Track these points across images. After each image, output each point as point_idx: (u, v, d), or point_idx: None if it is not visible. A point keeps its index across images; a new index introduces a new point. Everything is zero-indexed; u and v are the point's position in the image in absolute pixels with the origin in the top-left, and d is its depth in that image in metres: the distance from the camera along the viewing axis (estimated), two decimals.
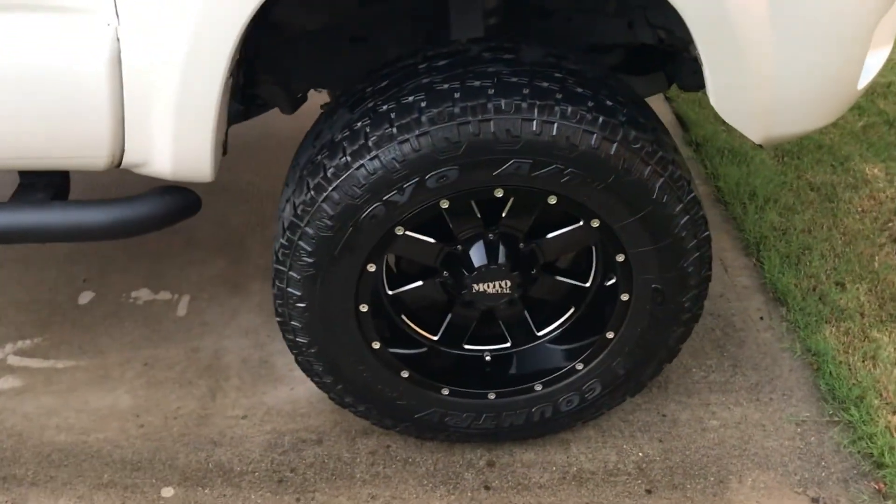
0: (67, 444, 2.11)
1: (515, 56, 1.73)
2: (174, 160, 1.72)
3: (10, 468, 2.05)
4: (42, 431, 2.14)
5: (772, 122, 1.79)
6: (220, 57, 1.58)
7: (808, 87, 1.75)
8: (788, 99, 1.75)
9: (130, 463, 2.06)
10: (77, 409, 2.20)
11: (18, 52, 1.60)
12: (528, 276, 1.88)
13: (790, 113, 1.79)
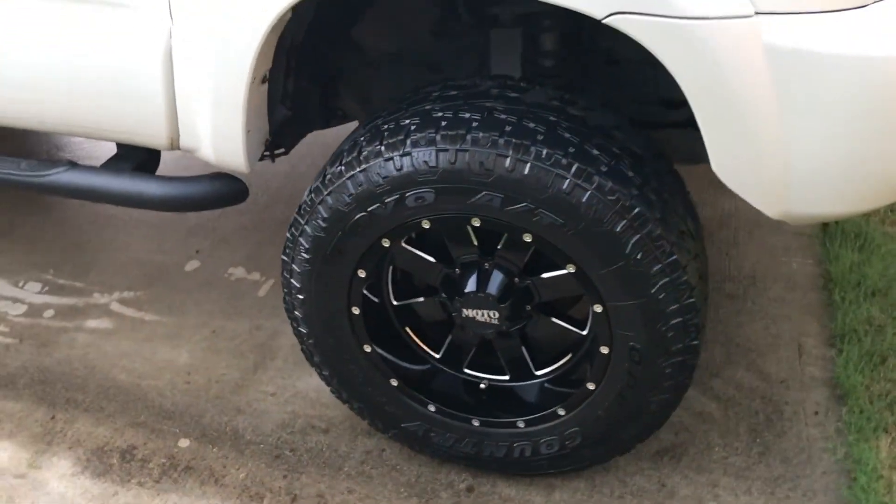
0: (124, 384, 2.40)
1: (520, 95, 1.78)
2: (214, 149, 1.95)
3: (74, 393, 2.37)
4: (110, 369, 2.45)
5: (788, 198, 1.70)
6: (244, 62, 1.77)
7: (823, 163, 1.65)
8: (803, 174, 1.67)
9: (165, 411, 2.32)
10: (144, 357, 2.50)
11: (94, 39, 1.89)
12: (519, 311, 1.92)
13: (808, 190, 1.70)
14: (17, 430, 2.26)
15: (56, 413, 2.30)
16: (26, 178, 2.15)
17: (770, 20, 1.54)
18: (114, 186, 2.09)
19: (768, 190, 1.70)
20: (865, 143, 1.63)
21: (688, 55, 1.56)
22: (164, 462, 2.16)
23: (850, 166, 1.67)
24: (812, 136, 1.62)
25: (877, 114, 1.61)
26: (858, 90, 1.58)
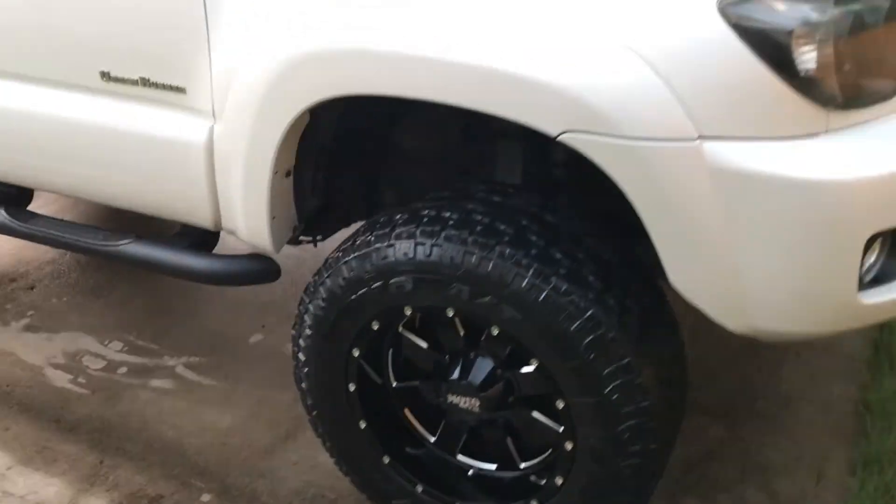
0: (169, 439, 2.65)
1: (502, 199, 1.95)
2: (246, 232, 2.20)
3: (124, 443, 2.64)
4: (161, 425, 2.71)
5: (747, 314, 1.77)
6: (267, 158, 2.02)
7: (772, 282, 1.72)
8: (755, 291, 1.74)
9: (198, 467, 2.54)
10: (193, 417, 2.75)
11: (153, 133, 2.20)
12: (499, 401, 2.03)
13: (764, 307, 1.76)
14: (69, 469, 2.54)
15: (105, 458, 2.57)
16: (101, 247, 2.48)
17: (713, 144, 1.65)
18: (166, 259, 2.39)
19: (726, 304, 1.78)
20: (809, 264, 1.69)
21: (634, 173, 1.69)
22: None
23: (797, 287, 1.72)
24: (759, 255, 1.70)
25: (818, 237, 1.67)
26: (800, 213, 1.65)
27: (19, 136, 2.42)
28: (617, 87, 1.64)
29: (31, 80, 2.33)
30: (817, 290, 1.73)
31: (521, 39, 1.69)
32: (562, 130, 1.70)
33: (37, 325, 3.21)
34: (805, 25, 1.61)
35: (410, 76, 1.79)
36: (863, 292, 1.76)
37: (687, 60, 1.63)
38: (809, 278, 1.72)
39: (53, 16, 2.23)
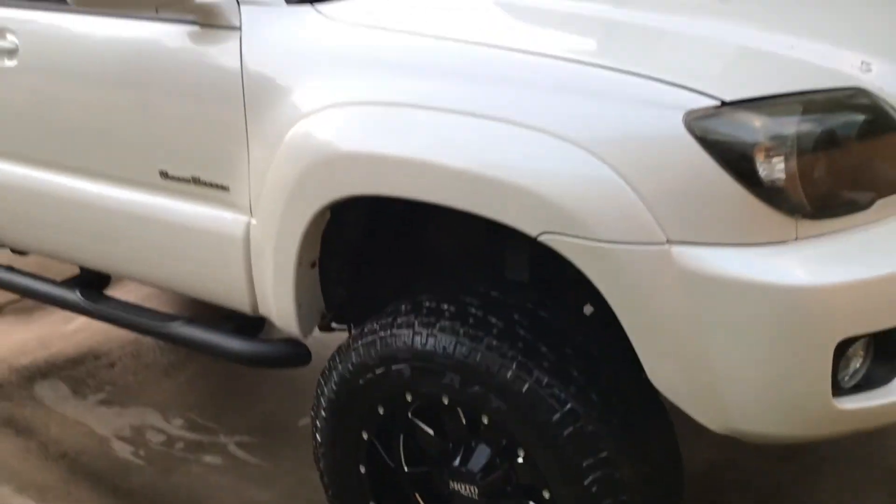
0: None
1: (500, 294, 2.07)
2: (277, 318, 2.39)
3: None
4: (206, 499, 2.89)
5: (725, 414, 1.83)
6: (291, 250, 2.22)
7: (743, 383, 1.77)
8: (729, 392, 1.79)
9: None
10: (237, 492, 2.91)
11: (200, 227, 2.43)
12: (498, 490, 2.11)
13: (740, 408, 1.81)
14: None
15: None
16: (155, 327, 2.72)
17: (682, 248, 1.74)
18: (208, 340, 2.60)
19: (704, 404, 1.83)
20: (779, 368, 1.74)
21: (608, 274, 1.80)
22: None
23: (770, 390, 1.77)
24: (730, 357, 1.76)
25: (785, 341, 1.72)
26: (766, 317, 1.72)
27: (88, 225, 2.71)
28: (589, 192, 1.77)
29: (102, 177, 2.62)
30: (789, 393, 1.77)
31: (504, 147, 1.84)
32: (541, 231, 1.83)
33: (111, 400, 3.48)
34: (767, 139, 1.71)
35: (405, 179, 1.96)
36: (840, 398, 1.78)
37: (655, 169, 1.74)
38: (780, 382, 1.76)
39: (124, 123, 2.52)
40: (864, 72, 1.90)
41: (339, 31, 2.15)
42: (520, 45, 1.94)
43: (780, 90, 1.80)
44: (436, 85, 1.97)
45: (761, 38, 2.01)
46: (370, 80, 2.06)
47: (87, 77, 2.56)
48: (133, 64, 2.44)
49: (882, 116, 1.83)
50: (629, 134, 1.77)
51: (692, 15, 2.13)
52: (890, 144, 1.84)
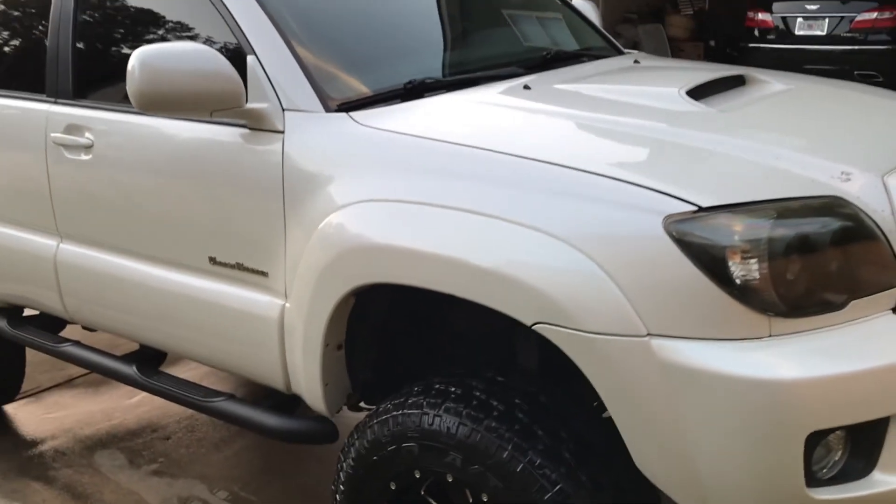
0: None
1: (505, 379, 2.23)
2: (307, 396, 2.58)
3: None
4: None
5: (708, 501, 1.93)
6: (318, 333, 2.42)
7: (723, 471, 1.88)
8: (709, 479, 1.90)
9: None
10: None
11: (242, 309, 2.66)
12: None
13: (722, 496, 1.92)
14: None
15: None
16: (200, 402, 2.94)
17: (661, 340, 1.88)
18: (246, 415, 2.80)
19: (685, 490, 1.95)
20: (752, 457, 1.85)
21: (594, 363, 1.95)
22: None
23: (745, 478, 1.88)
24: (708, 445, 1.88)
25: (757, 432, 1.84)
26: (739, 409, 1.84)
27: (145, 305, 2.97)
28: (576, 286, 1.93)
29: (158, 261, 2.88)
30: (764, 483, 1.88)
31: (502, 243, 2.03)
32: (535, 321, 1.99)
33: (163, 471, 3.69)
34: (740, 242, 1.86)
35: (416, 269, 2.16)
36: (817, 489, 1.88)
37: (637, 267, 1.90)
38: (755, 472, 1.87)
39: (180, 212, 2.79)
40: (843, 181, 2.04)
41: (369, 136, 2.39)
42: (522, 150, 2.14)
43: (756, 197, 1.95)
44: (445, 185, 2.18)
45: (749, 147, 2.16)
46: (391, 179, 2.28)
47: (149, 170, 2.86)
48: (189, 160, 2.72)
49: (857, 224, 1.96)
50: (614, 234, 1.94)
51: (688, 125, 2.30)
52: (863, 251, 1.96)
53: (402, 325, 2.61)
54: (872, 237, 1.97)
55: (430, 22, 3.08)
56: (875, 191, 2.04)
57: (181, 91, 2.44)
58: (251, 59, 2.55)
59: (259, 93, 2.52)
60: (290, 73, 2.54)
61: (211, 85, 2.45)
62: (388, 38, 2.91)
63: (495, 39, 3.26)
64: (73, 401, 4.38)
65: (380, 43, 2.86)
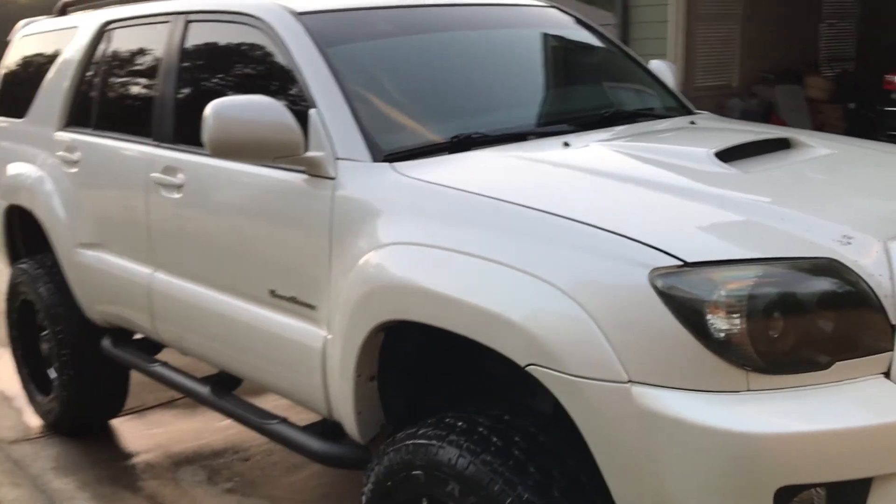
0: None
1: (510, 418, 2.34)
2: (344, 423, 2.78)
3: None
4: None
5: None
6: (350, 364, 2.61)
7: None
8: None
9: None
10: None
11: (290, 338, 2.90)
12: None
13: None
14: None
15: None
16: (257, 423, 3.19)
17: (641, 388, 1.97)
18: (293, 437, 3.02)
19: None
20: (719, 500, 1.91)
21: (578, 405, 2.06)
22: None
23: None
24: (679, 489, 1.95)
25: (725, 482, 1.89)
26: (710, 459, 1.91)
27: (215, 329, 3.26)
28: (565, 331, 2.05)
29: (228, 290, 3.17)
30: None
31: (504, 287, 2.17)
32: (528, 362, 2.12)
33: (235, 489, 3.96)
34: (720, 298, 1.93)
35: (426, 309, 2.32)
36: None
37: (622, 316, 2.01)
38: None
39: (248, 247, 3.07)
40: (843, 244, 2.08)
41: (405, 185, 2.59)
42: (535, 202, 2.28)
43: (745, 255, 2.02)
44: (463, 231, 2.35)
45: (757, 208, 2.23)
46: (418, 224, 2.47)
47: (224, 209, 3.16)
48: (255, 201, 3.01)
49: (848, 287, 2.00)
50: (603, 283, 2.05)
51: (701, 184, 2.38)
52: (852, 313, 1.99)
53: (435, 363, 2.77)
54: (864, 301, 2.00)
55: (486, 81, 3.27)
56: (875, 255, 2.06)
57: (247, 139, 2.71)
58: (313, 112, 2.80)
59: (317, 142, 2.77)
60: (345, 126, 2.78)
61: (274, 134, 2.72)
62: (442, 96, 3.12)
63: (556, 98, 3.42)
64: (170, 419, 4.74)
65: (433, 100, 3.08)
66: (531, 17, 3.74)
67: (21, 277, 4.54)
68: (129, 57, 3.94)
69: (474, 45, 3.38)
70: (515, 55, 3.49)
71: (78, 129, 4.12)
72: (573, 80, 3.60)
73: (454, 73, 3.26)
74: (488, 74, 3.32)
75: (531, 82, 3.43)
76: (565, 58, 3.71)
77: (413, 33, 3.27)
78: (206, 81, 3.48)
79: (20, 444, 4.46)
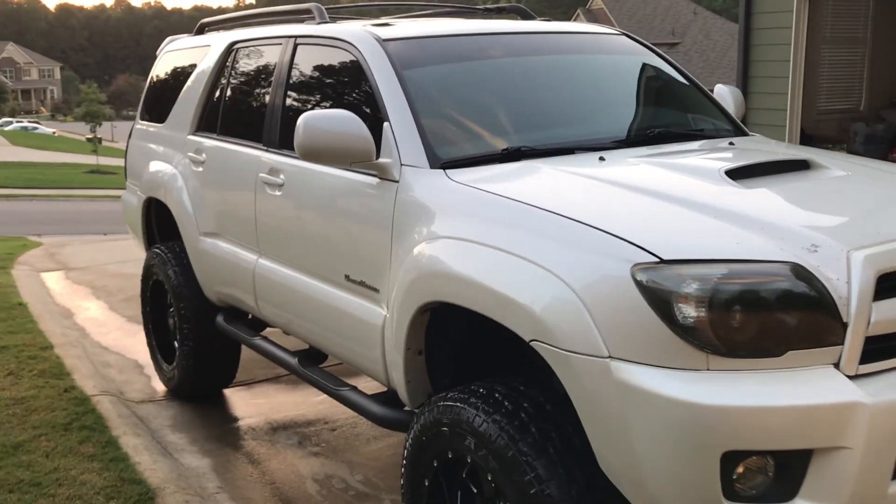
0: None
1: (524, 388, 2.75)
2: (397, 388, 3.25)
3: None
4: None
5: (651, 497, 2.37)
6: (400, 338, 3.09)
7: (662, 477, 2.31)
8: (651, 483, 2.34)
9: None
10: None
11: (355, 314, 3.40)
12: None
13: (660, 497, 2.34)
14: None
15: None
16: (332, 389, 3.71)
17: (618, 363, 2.36)
18: (359, 402, 3.53)
19: (635, 489, 2.41)
20: (680, 466, 2.28)
21: (568, 377, 2.46)
22: None
23: (677, 483, 2.30)
24: (649, 454, 2.33)
25: (682, 445, 2.26)
26: (670, 424, 2.27)
27: (303, 309, 3.80)
28: (560, 313, 2.46)
29: (316, 275, 3.71)
30: (689, 490, 2.29)
31: (517, 275, 2.60)
32: (532, 338, 2.54)
33: (320, 453, 4.50)
34: (687, 291, 2.30)
35: (458, 291, 2.77)
36: (733, 503, 2.26)
37: (606, 302, 2.40)
38: (684, 478, 2.29)
39: (330, 239, 3.60)
40: (810, 252, 2.40)
41: (453, 188, 3.05)
42: (555, 206, 2.69)
43: (717, 256, 2.37)
44: (492, 229, 2.78)
45: (743, 217, 2.55)
46: (458, 221, 2.93)
47: (311, 205, 3.71)
48: (336, 198, 3.54)
49: (806, 289, 2.32)
50: (594, 274, 2.45)
51: (701, 196, 2.73)
52: (805, 311, 2.31)
53: (480, 347, 3.21)
54: (819, 301, 2.31)
55: (545, 102, 3.69)
56: (836, 262, 2.37)
57: (329, 146, 3.24)
58: (386, 124, 3.30)
59: (387, 150, 3.26)
60: (411, 137, 3.26)
61: (351, 143, 3.23)
62: (501, 114, 3.56)
63: (608, 117, 3.79)
64: (274, 392, 5.35)
65: (491, 117, 3.54)
66: (597, 44, 4.14)
67: (154, 260, 5.24)
68: (248, 72, 4.57)
69: (535, 69, 3.81)
70: (575, 79, 3.90)
71: (205, 134, 4.78)
72: (629, 102, 3.97)
73: (515, 93, 3.69)
74: (547, 96, 3.74)
75: (588, 103, 3.82)
76: (625, 81, 4.08)
77: (479, 58, 3.73)
78: (306, 95, 4.04)
79: (145, 405, 5.16)
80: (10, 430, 4.52)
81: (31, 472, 4.04)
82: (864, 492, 2.27)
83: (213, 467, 4.33)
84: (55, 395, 5.01)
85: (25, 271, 8.94)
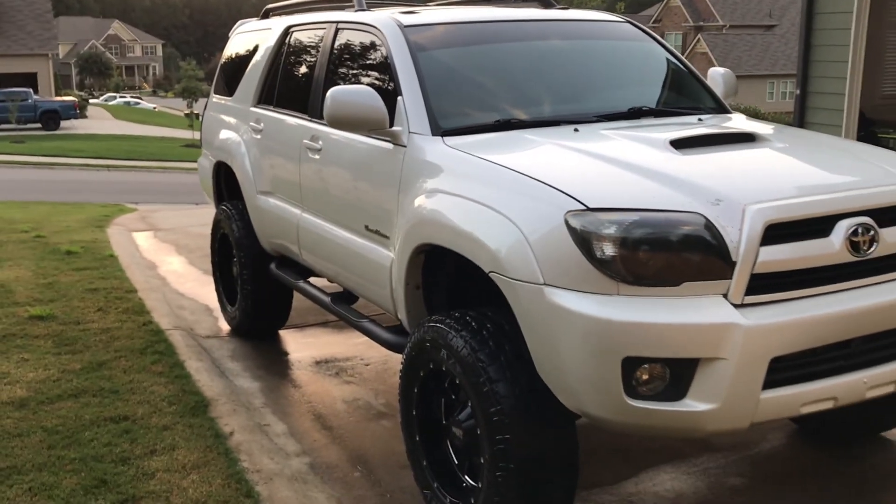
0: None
1: (492, 314, 3.39)
2: (401, 318, 3.94)
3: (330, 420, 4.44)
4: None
5: (575, 399, 3.00)
6: (401, 274, 3.78)
7: (581, 377, 2.93)
8: (574, 384, 2.97)
9: None
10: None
11: (369, 254, 4.09)
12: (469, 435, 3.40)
13: (581, 396, 2.97)
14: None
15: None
16: (354, 320, 4.43)
17: (550, 288, 2.99)
18: (373, 330, 4.23)
19: (564, 392, 3.04)
20: (592, 368, 2.89)
21: (514, 299, 3.10)
22: None
23: (589, 383, 2.92)
24: (571, 360, 2.95)
25: (592, 351, 2.88)
26: (585, 335, 2.89)
27: (331, 253, 4.52)
28: (510, 248, 3.10)
29: (343, 225, 4.41)
30: (600, 389, 2.91)
31: (483, 220, 3.24)
32: (490, 270, 3.18)
33: (352, 382, 5.23)
34: (604, 232, 2.91)
35: (439, 233, 3.43)
36: (634, 399, 2.88)
37: (544, 240, 3.02)
38: (594, 380, 2.91)
39: (354, 194, 4.29)
40: (713, 205, 2.97)
41: (446, 152, 3.70)
42: (519, 166, 3.32)
43: (632, 206, 2.97)
44: (470, 184, 3.43)
45: (665, 177, 3.13)
46: (446, 178, 3.58)
47: (340, 167, 4.42)
48: (358, 160, 4.23)
49: (702, 234, 2.89)
50: (537, 218, 3.07)
51: (639, 159, 3.31)
52: (699, 251, 2.89)
53: (471, 286, 3.85)
54: (712, 244, 2.89)
55: (541, 81, 4.29)
56: (733, 214, 2.94)
57: (350, 116, 3.93)
58: (400, 98, 3.97)
59: (399, 120, 3.93)
60: (419, 109, 3.92)
61: (368, 113, 3.91)
62: (500, 91, 4.20)
63: (596, 95, 4.37)
64: (322, 335, 6.10)
65: (491, 93, 4.17)
66: (598, 31, 4.71)
67: (221, 216, 6.04)
68: (299, 52, 5.29)
69: (536, 52, 4.41)
70: (572, 62, 4.48)
71: (264, 106, 5.53)
72: (619, 82, 4.53)
73: (515, 73, 4.31)
74: (544, 76, 4.34)
75: (580, 83, 4.41)
76: (619, 64, 4.64)
77: (486, 43, 4.36)
78: (342, 72, 4.73)
79: (210, 339, 5.98)
80: (97, 352, 5.39)
81: (111, 383, 4.89)
82: (739, 394, 2.85)
83: (260, 389, 5.10)
84: (135, 328, 5.87)
85: (119, 230, 9.95)
